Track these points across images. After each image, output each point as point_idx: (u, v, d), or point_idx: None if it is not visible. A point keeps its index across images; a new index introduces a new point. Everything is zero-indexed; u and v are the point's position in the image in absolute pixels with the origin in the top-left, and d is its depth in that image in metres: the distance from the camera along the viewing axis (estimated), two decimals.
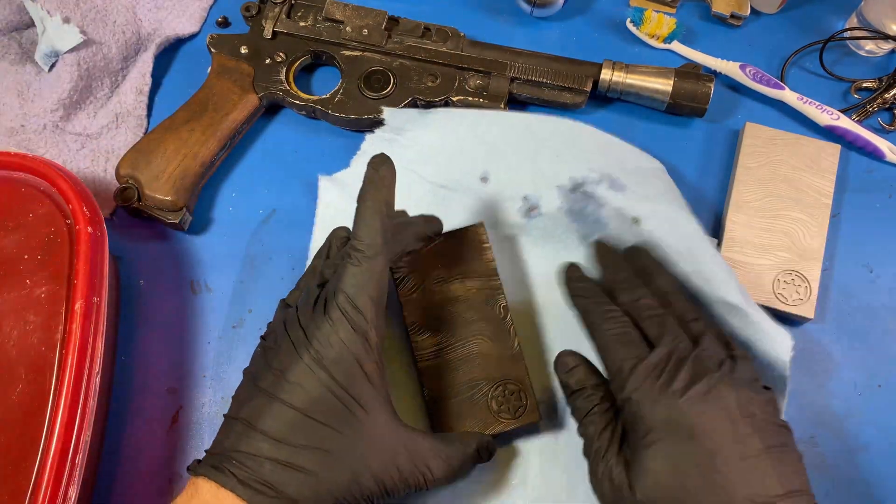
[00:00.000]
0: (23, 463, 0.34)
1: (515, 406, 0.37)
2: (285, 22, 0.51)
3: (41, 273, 0.38)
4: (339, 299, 0.29)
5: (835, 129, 0.49)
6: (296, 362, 0.29)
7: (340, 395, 0.28)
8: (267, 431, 0.28)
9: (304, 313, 0.31)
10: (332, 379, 0.28)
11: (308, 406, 0.28)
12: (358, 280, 0.29)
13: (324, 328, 0.29)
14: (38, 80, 0.49)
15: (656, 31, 0.53)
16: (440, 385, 0.38)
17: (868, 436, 0.42)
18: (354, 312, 0.29)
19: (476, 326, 0.39)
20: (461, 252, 0.40)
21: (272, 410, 0.28)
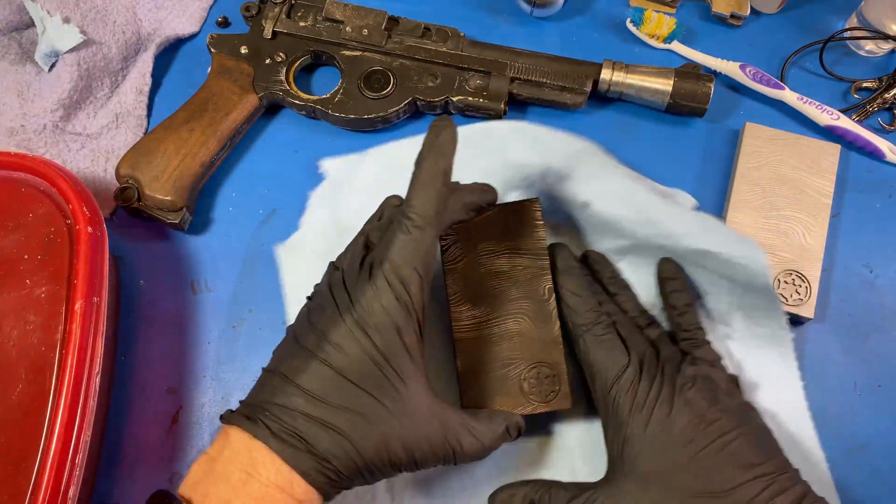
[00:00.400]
0: (23, 463, 0.34)
1: (548, 390, 0.37)
2: (285, 22, 0.51)
3: (41, 273, 0.38)
4: (385, 267, 0.29)
5: (835, 129, 0.49)
6: (338, 324, 0.29)
7: (379, 361, 0.28)
8: (304, 387, 0.28)
9: (349, 276, 0.31)
10: (373, 345, 0.28)
11: (347, 368, 0.28)
12: (406, 250, 0.29)
13: (368, 294, 0.29)
14: (38, 80, 0.49)
15: (656, 31, 0.53)
16: (474, 359, 0.37)
17: (868, 436, 0.42)
18: (398, 283, 0.29)
19: (518, 304, 0.38)
20: (513, 226, 0.39)
21: (311, 368, 0.29)
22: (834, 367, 0.44)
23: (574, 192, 0.43)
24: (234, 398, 0.43)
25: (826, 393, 0.43)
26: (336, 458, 0.28)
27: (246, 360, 0.44)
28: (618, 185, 0.43)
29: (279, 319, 0.45)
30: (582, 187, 0.43)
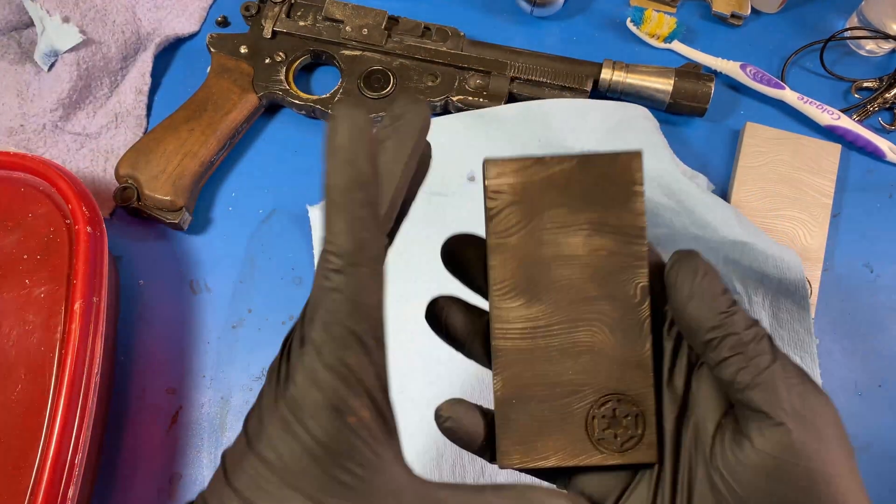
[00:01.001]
0: (22, 462, 0.34)
1: (626, 435, 0.26)
2: (285, 21, 0.51)
3: (40, 273, 0.37)
4: (313, 334, 0.22)
5: (835, 128, 0.49)
6: (271, 412, 0.22)
7: (319, 456, 0.21)
8: (236, 487, 0.22)
9: (292, 347, 0.23)
10: (311, 437, 0.21)
11: (281, 467, 0.21)
12: (330, 306, 0.21)
13: (299, 372, 0.22)
14: (38, 79, 0.49)
15: (656, 31, 0.53)
16: (522, 380, 0.26)
17: (869, 436, 0.42)
18: (329, 352, 0.21)
19: (597, 307, 0.26)
20: (598, 190, 0.26)
21: (246, 465, 0.22)
22: (834, 367, 0.44)
23: None
24: (233, 398, 0.43)
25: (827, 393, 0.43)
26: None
27: (245, 361, 0.44)
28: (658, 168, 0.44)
29: (279, 319, 0.45)
30: None
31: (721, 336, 0.23)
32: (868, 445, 0.42)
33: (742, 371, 0.23)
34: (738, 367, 0.23)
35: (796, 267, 0.41)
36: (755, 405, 0.22)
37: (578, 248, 0.26)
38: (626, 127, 0.47)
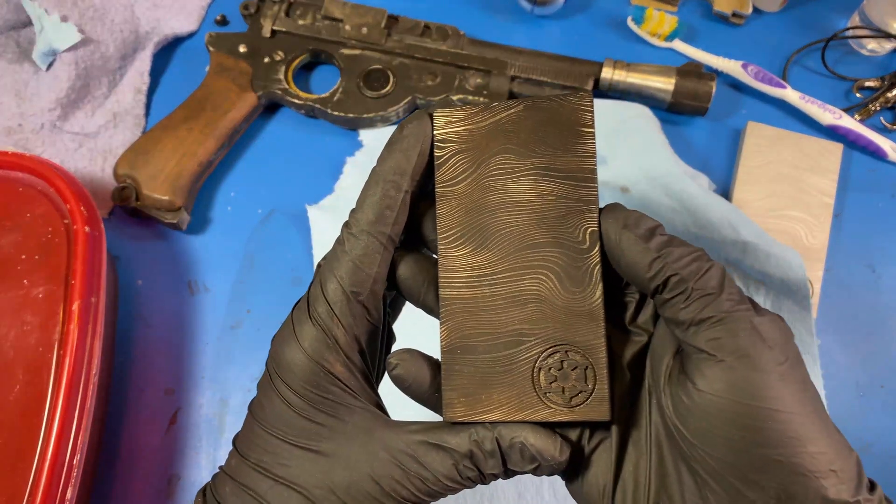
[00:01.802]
0: (20, 463, 0.34)
1: (575, 390, 0.24)
2: (284, 20, 0.50)
3: (39, 273, 0.37)
4: (311, 288, 0.25)
5: (837, 128, 0.49)
6: (264, 376, 0.25)
7: (301, 408, 0.24)
8: (237, 447, 0.26)
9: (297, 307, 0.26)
10: (291, 392, 0.24)
11: (266, 420, 0.25)
12: (336, 264, 0.24)
13: (284, 328, 0.25)
14: (36, 79, 0.49)
15: (658, 30, 0.53)
16: (467, 329, 0.25)
17: (871, 437, 0.42)
18: (321, 304, 0.24)
19: (543, 253, 0.25)
20: (547, 134, 0.25)
21: (245, 428, 0.26)
22: (836, 368, 0.44)
23: (613, 177, 0.43)
24: (232, 399, 0.43)
25: (828, 393, 0.43)
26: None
27: (244, 361, 0.44)
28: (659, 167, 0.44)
29: (278, 320, 0.45)
30: (622, 171, 0.43)
31: (661, 279, 0.22)
32: (869, 445, 0.42)
33: (682, 310, 0.22)
34: (679, 306, 0.22)
35: (798, 267, 0.41)
36: (696, 343, 0.22)
37: (525, 193, 0.25)
38: (627, 126, 0.47)
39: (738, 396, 0.21)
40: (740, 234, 0.41)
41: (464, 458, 0.23)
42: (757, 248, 0.41)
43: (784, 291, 0.42)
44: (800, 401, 0.21)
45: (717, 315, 0.21)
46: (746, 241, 0.41)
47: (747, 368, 0.21)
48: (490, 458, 0.23)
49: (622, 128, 0.46)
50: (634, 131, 0.46)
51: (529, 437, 0.23)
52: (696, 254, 0.22)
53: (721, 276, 0.22)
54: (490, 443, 0.23)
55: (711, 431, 0.21)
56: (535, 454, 0.23)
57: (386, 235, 0.24)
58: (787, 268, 0.41)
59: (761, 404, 0.20)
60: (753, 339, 0.21)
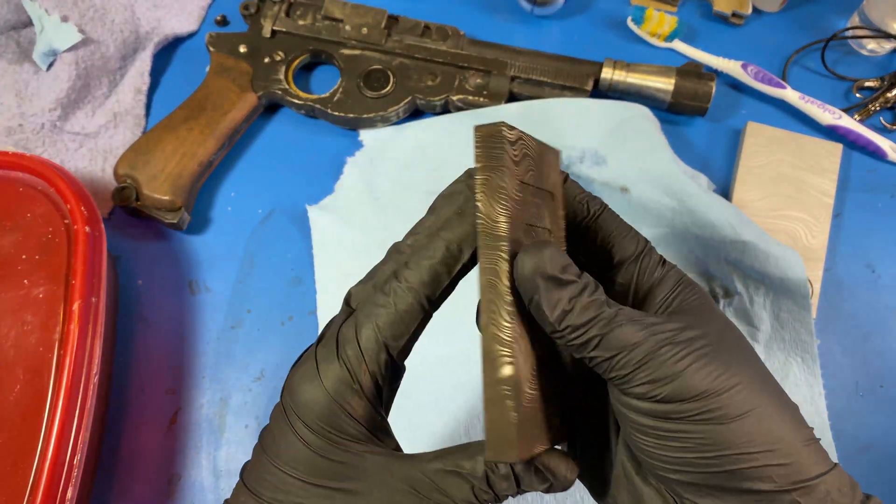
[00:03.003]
0: (21, 463, 0.34)
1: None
2: (284, 20, 0.50)
3: (39, 273, 0.37)
4: (344, 330, 0.24)
5: (837, 128, 0.49)
6: (278, 412, 0.25)
7: (319, 447, 0.24)
8: (247, 483, 0.25)
9: (312, 345, 0.26)
10: (309, 431, 0.24)
11: (282, 460, 0.24)
12: (377, 312, 0.24)
13: (307, 366, 0.24)
14: (36, 79, 0.49)
15: (657, 30, 0.53)
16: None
17: (870, 437, 0.42)
18: (351, 348, 0.24)
19: None
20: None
21: (257, 464, 0.25)
22: (835, 368, 0.44)
23: (612, 177, 0.43)
24: (232, 399, 0.43)
25: (828, 393, 0.43)
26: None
27: (245, 361, 0.44)
28: (659, 168, 0.44)
29: (278, 320, 0.45)
30: (622, 171, 0.43)
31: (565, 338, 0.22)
32: (869, 446, 0.42)
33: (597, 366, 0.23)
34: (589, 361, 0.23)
35: (798, 267, 0.41)
36: (618, 389, 0.23)
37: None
38: (626, 126, 0.47)
39: (666, 421, 0.22)
40: (740, 234, 0.41)
41: (480, 482, 0.24)
42: (757, 248, 0.41)
43: (784, 291, 0.42)
44: (735, 405, 0.21)
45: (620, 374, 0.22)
46: (746, 241, 0.41)
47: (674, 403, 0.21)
48: (504, 480, 0.24)
49: (622, 128, 0.46)
50: (634, 131, 0.46)
51: (543, 459, 0.24)
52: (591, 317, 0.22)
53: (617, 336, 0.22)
54: (504, 467, 0.24)
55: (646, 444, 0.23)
56: (547, 474, 0.24)
57: (432, 301, 0.24)
58: (787, 268, 0.41)
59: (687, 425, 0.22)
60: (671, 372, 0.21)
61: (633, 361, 0.22)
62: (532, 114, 0.47)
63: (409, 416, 0.40)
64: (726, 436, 0.21)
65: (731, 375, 0.22)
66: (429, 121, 0.49)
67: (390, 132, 0.49)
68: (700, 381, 0.21)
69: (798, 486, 0.21)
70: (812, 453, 0.22)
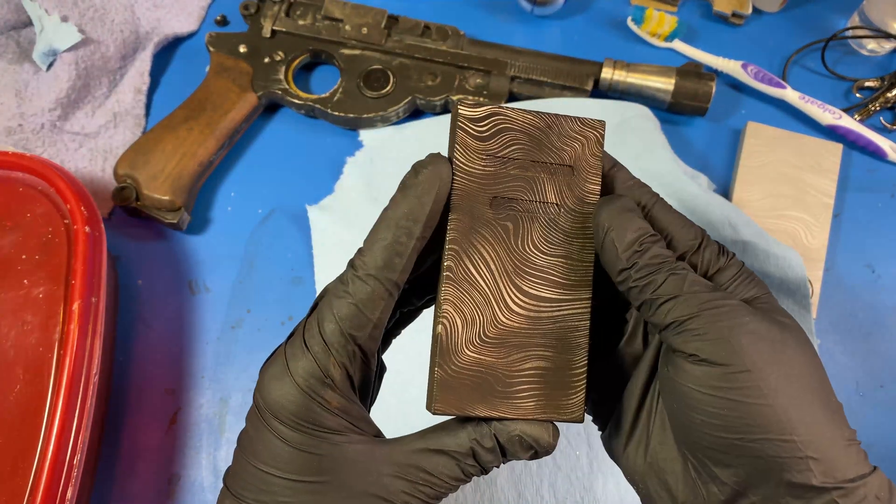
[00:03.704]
0: (21, 463, 0.34)
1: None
2: (284, 20, 0.50)
3: (39, 273, 0.37)
4: (308, 324, 0.24)
5: (837, 128, 0.49)
6: (252, 412, 0.25)
7: (298, 442, 0.23)
8: (230, 487, 0.25)
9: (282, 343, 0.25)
10: (286, 427, 0.23)
11: (261, 458, 0.24)
12: (337, 304, 0.23)
13: (277, 363, 0.24)
14: (36, 79, 0.49)
15: (657, 30, 0.53)
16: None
17: (870, 436, 0.42)
18: (317, 342, 0.23)
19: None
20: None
21: (237, 466, 0.25)
22: (836, 368, 0.44)
23: None
24: (232, 399, 0.43)
25: None
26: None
27: (244, 361, 0.44)
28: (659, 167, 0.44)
29: (278, 320, 0.45)
30: None
31: (626, 287, 0.24)
32: (869, 446, 0.42)
33: (652, 316, 0.23)
34: (647, 313, 0.23)
35: (798, 267, 0.41)
36: (669, 343, 0.23)
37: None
38: (627, 126, 0.47)
39: (713, 391, 0.22)
40: (740, 234, 0.41)
41: (466, 457, 0.24)
42: (757, 248, 0.41)
43: (784, 291, 0.42)
44: (781, 389, 0.21)
45: (679, 318, 0.22)
46: (746, 241, 0.41)
47: (722, 366, 0.22)
48: (490, 453, 0.24)
49: (622, 128, 0.46)
50: (634, 131, 0.46)
51: (525, 428, 0.24)
52: (661, 261, 0.23)
53: (681, 281, 0.23)
54: (490, 439, 0.24)
55: (689, 416, 0.23)
56: (531, 443, 0.24)
57: (392, 282, 0.24)
58: (787, 268, 0.41)
59: (735, 397, 0.21)
60: (726, 333, 0.22)
61: (690, 309, 0.22)
62: None
63: (405, 415, 0.40)
64: (772, 419, 0.21)
65: (783, 358, 0.22)
66: (429, 121, 0.49)
67: (390, 132, 0.49)
68: (749, 354, 0.21)
69: (838, 486, 0.21)
70: (854, 453, 0.22)
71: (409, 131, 0.48)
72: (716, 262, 0.24)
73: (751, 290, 0.24)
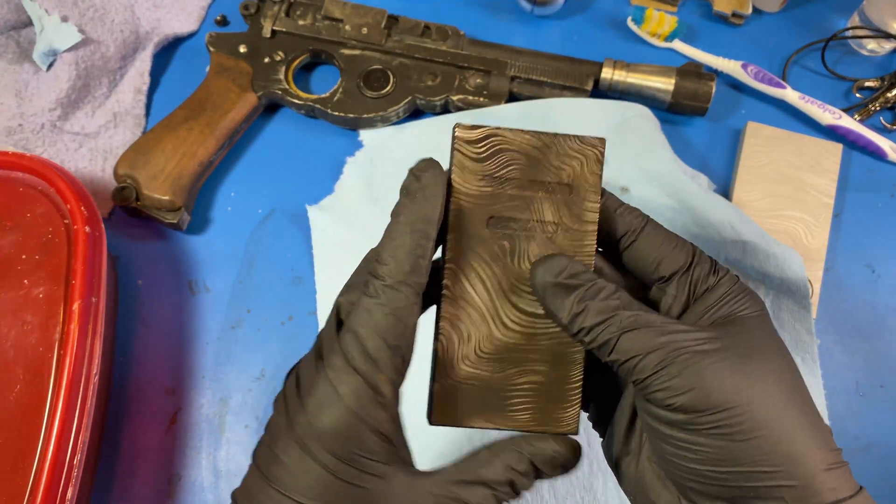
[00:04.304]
0: (21, 463, 0.34)
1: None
2: (284, 20, 0.50)
3: (39, 273, 0.37)
4: (345, 342, 0.23)
5: (837, 128, 0.49)
6: (286, 437, 0.23)
7: (343, 472, 0.22)
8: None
9: (306, 362, 0.24)
10: (332, 455, 0.22)
11: (298, 487, 0.22)
12: (372, 317, 0.22)
13: (321, 386, 0.22)
14: (36, 79, 0.49)
15: (657, 30, 0.53)
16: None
17: (870, 436, 0.42)
18: (363, 360, 0.22)
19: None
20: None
21: (262, 496, 0.23)
22: (836, 368, 0.44)
23: (614, 176, 0.43)
24: (232, 399, 0.43)
25: (828, 393, 0.43)
26: None
27: (244, 361, 0.44)
28: (659, 167, 0.44)
29: (278, 320, 0.45)
30: (623, 169, 0.43)
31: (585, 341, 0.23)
32: (869, 446, 0.42)
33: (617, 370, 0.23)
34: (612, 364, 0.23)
35: (798, 267, 0.41)
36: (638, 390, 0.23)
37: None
38: (626, 126, 0.47)
39: (682, 432, 0.22)
40: (740, 234, 0.41)
41: (502, 486, 0.24)
42: (757, 248, 0.41)
43: (784, 291, 0.42)
44: (755, 424, 0.21)
45: (641, 375, 0.22)
46: (746, 241, 0.41)
47: (691, 413, 0.22)
48: (525, 477, 0.24)
49: (622, 128, 0.47)
50: (634, 131, 0.46)
51: (556, 447, 0.24)
52: (607, 316, 0.23)
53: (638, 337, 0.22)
54: (525, 464, 0.24)
55: (663, 448, 0.23)
56: (563, 462, 0.24)
57: (421, 286, 0.23)
58: (787, 268, 0.41)
59: (704, 439, 0.22)
60: (691, 382, 0.21)
61: (650, 367, 0.22)
62: (532, 114, 0.47)
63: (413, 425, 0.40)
64: (739, 453, 0.21)
65: (751, 391, 0.21)
66: (429, 121, 0.49)
67: (390, 132, 0.49)
68: (716, 395, 0.21)
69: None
70: (833, 477, 0.21)
71: (409, 131, 0.48)
72: (705, 282, 0.24)
73: (744, 306, 0.24)
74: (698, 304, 0.24)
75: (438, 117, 0.49)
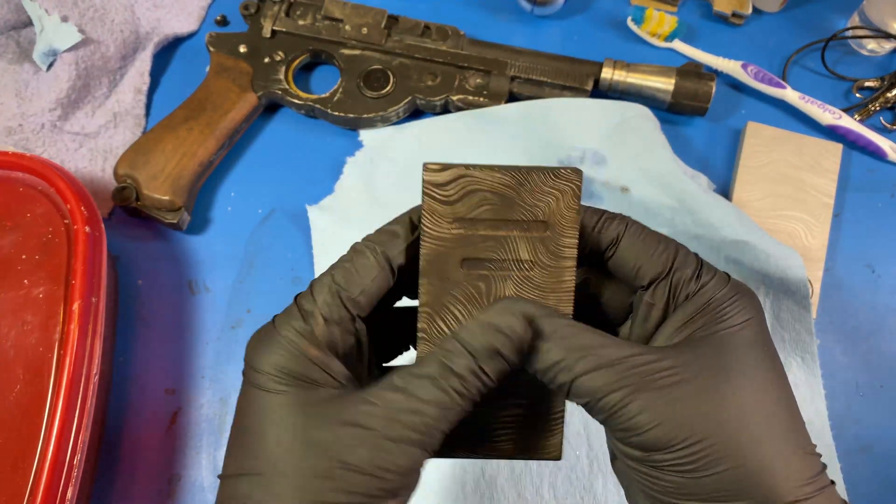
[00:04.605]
0: (21, 463, 0.34)
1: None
2: (284, 20, 0.50)
3: (39, 273, 0.37)
4: (299, 295, 0.24)
5: (837, 128, 0.49)
6: (247, 389, 0.25)
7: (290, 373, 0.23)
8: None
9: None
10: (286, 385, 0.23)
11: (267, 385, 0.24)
12: (333, 269, 0.24)
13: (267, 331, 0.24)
14: (36, 79, 0.49)
15: (657, 30, 0.53)
16: None
17: (870, 436, 0.42)
18: (308, 302, 0.23)
19: None
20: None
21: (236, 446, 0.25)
22: (835, 368, 0.44)
23: (612, 177, 0.43)
24: (232, 399, 0.43)
25: (828, 393, 0.43)
26: None
27: None
28: (659, 167, 0.44)
29: None
30: (621, 170, 0.43)
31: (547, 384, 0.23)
32: (869, 446, 0.42)
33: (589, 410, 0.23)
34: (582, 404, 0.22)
35: (797, 267, 0.41)
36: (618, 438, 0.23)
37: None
38: (626, 126, 0.47)
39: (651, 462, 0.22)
40: (740, 234, 0.41)
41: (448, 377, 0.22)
42: (757, 248, 0.41)
43: (784, 291, 0.42)
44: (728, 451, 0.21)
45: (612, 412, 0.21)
46: (746, 241, 0.41)
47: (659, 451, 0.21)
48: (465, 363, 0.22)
49: (622, 128, 0.47)
50: (634, 131, 0.46)
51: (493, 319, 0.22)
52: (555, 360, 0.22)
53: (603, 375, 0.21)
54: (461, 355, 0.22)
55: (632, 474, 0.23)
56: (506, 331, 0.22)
57: (386, 257, 0.23)
58: (787, 268, 0.41)
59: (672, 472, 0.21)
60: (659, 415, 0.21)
61: (607, 408, 0.21)
62: (532, 114, 0.47)
63: None
64: (697, 488, 0.21)
65: (722, 415, 0.21)
66: (429, 121, 0.49)
67: (390, 132, 0.49)
68: (678, 430, 0.21)
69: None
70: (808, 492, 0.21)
71: (409, 131, 0.48)
72: (686, 288, 0.23)
73: (728, 315, 0.22)
74: (677, 314, 0.23)
75: (438, 117, 0.49)
